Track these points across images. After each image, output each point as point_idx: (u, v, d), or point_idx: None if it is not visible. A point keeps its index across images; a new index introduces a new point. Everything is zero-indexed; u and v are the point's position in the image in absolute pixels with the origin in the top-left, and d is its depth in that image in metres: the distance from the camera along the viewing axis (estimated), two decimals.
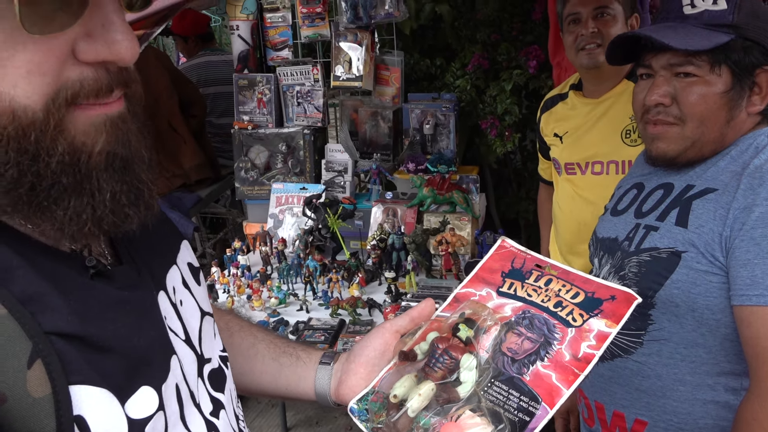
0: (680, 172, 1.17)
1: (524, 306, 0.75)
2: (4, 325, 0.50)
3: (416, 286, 2.23)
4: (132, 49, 0.51)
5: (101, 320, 0.56)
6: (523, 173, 3.50)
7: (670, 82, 1.11)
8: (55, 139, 0.51)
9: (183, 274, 0.75)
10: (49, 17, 0.47)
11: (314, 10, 2.82)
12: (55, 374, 0.51)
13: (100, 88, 0.52)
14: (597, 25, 1.79)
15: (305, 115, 2.95)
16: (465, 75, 2.86)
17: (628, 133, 1.82)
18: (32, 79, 0.49)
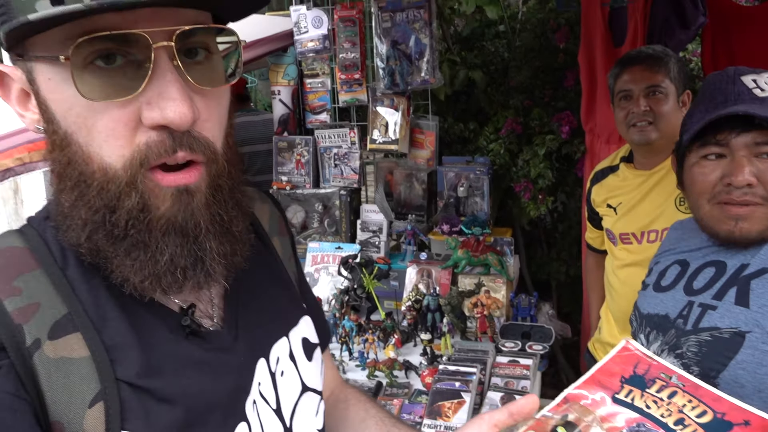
0: (730, 251, 1.17)
1: (640, 418, 0.67)
2: (82, 366, 0.58)
3: (452, 349, 2.23)
4: (180, 113, 0.57)
5: (175, 376, 0.63)
6: (554, 234, 3.53)
7: (752, 162, 1.10)
8: (129, 194, 0.58)
9: (292, 347, 0.80)
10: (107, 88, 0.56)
11: (352, 77, 2.94)
12: (111, 418, 0.57)
13: (164, 149, 0.58)
14: (649, 103, 1.83)
15: (342, 176, 3.03)
16: (498, 139, 2.93)
17: (681, 200, 1.83)
18: (110, 141, 0.58)
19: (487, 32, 3.27)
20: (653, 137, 1.84)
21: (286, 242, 0.91)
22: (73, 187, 0.60)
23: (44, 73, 0.59)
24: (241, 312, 0.74)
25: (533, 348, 2.19)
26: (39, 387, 0.56)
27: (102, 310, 0.62)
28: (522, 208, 2.92)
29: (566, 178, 3.04)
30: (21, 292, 0.59)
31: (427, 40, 2.75)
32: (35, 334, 0.57)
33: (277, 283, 0.84)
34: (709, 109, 1.13)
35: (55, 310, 0.60)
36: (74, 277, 0.62)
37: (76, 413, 0.57)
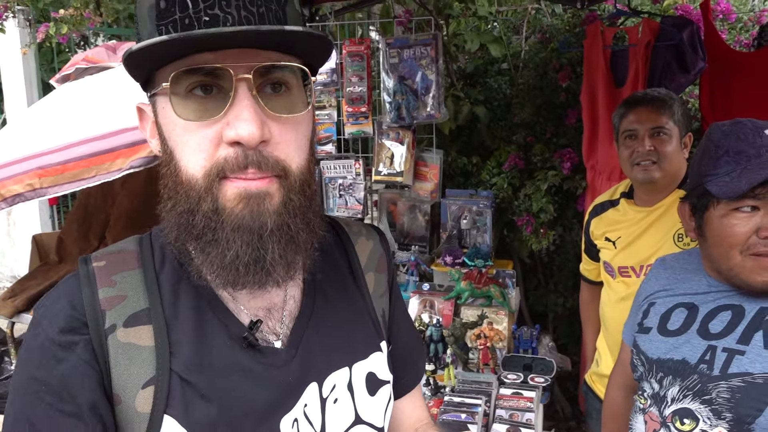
0: (744, 295, 1.20)
1: None
2: (144, 353, 0.69)
3: (455, 380, 2.26)
4: (249, 131, 0.66)
5: (219, 378, 0.71)
6: (552, 267, 3.58)
7: None
8: (206, 199, 0.68)
9: (352, 379, 0.84)
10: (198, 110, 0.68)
11: (359, 110, 3.01)
12: (158, 401, 0.68)
13: (237, 164, 0.68)
14: (653, 143, 1.89)
15: (346, 207, 3.08)
16: (501, 173, 2.99)
17: (680, 236, 1.89)
18: (196, 155, 0.69)
19: (490, 69, 3.36)
20: (657, 176, 1.90)
21: (382, 279, 0.95)
22: (171, 196, 0.72)
23: (160, 103, 0.72)
24: (307, 336, 0.80)
25: (535, 380, 2.22)
26: (108, 363, 0.68)
27: (177, 309, 0.73)
28: (523, 241, 2.97)
29: (566, 212, 3.10)
30: (115, 284, 0.72)
31: (433, 76, 2.83)
32: (113, 320, 0.70)
33: (356, 316, 0.88)
34: (741, 162, 1.15)
35: (137, 303, 0.72)
36: (165, 279, 0.74)
37: (131, 391, 0.68)
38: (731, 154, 1.17)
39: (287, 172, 0.71)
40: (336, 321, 0.84)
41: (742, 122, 1.20)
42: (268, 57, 0.69)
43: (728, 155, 1.18)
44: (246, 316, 0.76)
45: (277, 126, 0.70)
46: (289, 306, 0.80)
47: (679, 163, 1.94)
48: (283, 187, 0.70)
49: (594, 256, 2.25)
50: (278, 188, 0.70)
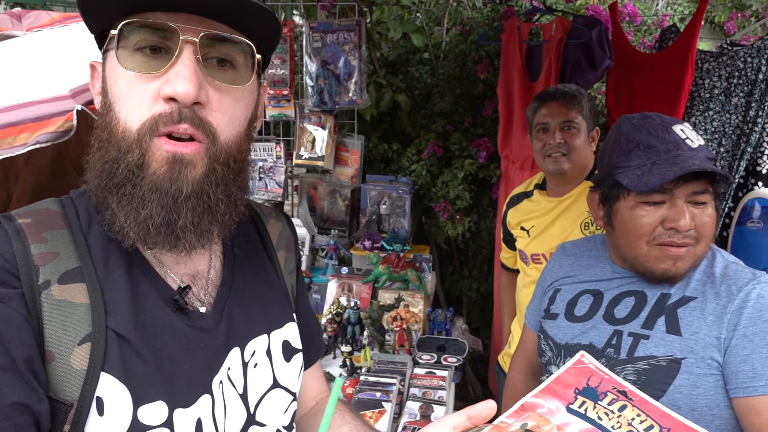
0: (646, 281, 1.27)
1: (593, 429, 0.71)
2: (80, 310, 0.69)
3: (371, 361, 2.31)
4: (186, 90, 0.69)
5: (152, 338, 0.73)
6: (467, 253, 3.70)
7: (689, 208, 1.19)
8: (133, 150, 0.70)
9: (270, 345, 0.88)
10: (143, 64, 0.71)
11: (281, 92, 2.99)
12: (95, 358, 0.68)
13: (171, 118, 0.70)
14: (563, 136, 2.00)
15: (266, 190, 3.06)
16: (420, 161, 3.06)
17: (586, 225, 2.02)
18: (135, 110, 0.71)
19: (412, 58, 3.41)
20: (566, 167, 2.01)
21: (291, 258, 1.01)
22: (102, 146, 0.73)
23: (110, 57, 0.74)
24: (229, 304, 0.83)
25: (448, 360, 2.31)
26: (41, 319, 0.67)
27: (109, 269, 0.73)
28: (440, 227, 3.05)
29: (481, 200, 3.21)
30: (46, 241, 0.71)
31: (356, 62, 2.85)
32: (47, 276, 0.69)
33: (271, 289, 0.93)
34: (651, 156, 1.20)
35: (69, 262, 0.71)
36: (93, 240, 0.74)
37: (66, 348, 0.67)
38: (642, 148, 1.22)
39: (215, 139, 0.73)
40: (254, 292, 0.88)
41: (650, 117, 1.25)
42: (218, 28, 0.73)
43: (639, 149, 1.22)
44: (173, 281, 0.78)
45: (216, 94, 0.73)
46: (212, 276, 0.84)
47: (587, 156, 2.06)
48: (208, 156, 0.72)
49: (511, 245, 2.36)
50: (203, 156, 0.72)
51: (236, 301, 0.84)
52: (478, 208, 3.27)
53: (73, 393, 0.66)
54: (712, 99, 2.71)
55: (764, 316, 1.12)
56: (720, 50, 2.74)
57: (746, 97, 2.61)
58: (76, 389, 0.66)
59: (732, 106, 2.66)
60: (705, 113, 2.73)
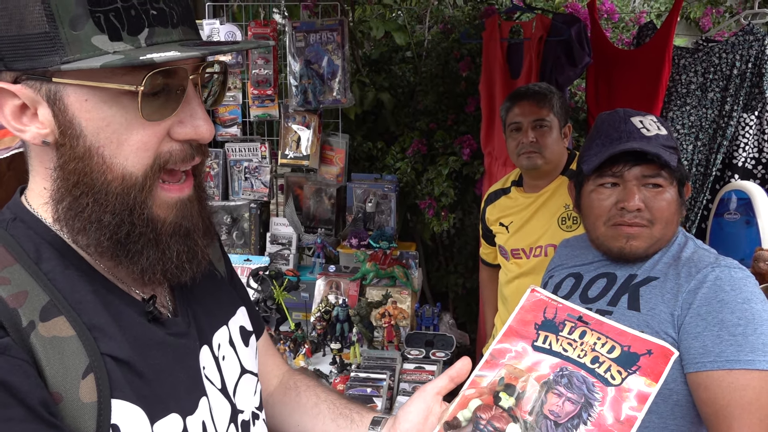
0: (619, 264, 1.36)
1: (561, 362, 0.73)
2: (71, 344, 0.66)
3: (360, 357, 2.33)
4: (210, 130, 0.71)
5: (145, 355, 0.72)
6: (452, 249, 3.73)
7: (641, 191, 1.29)
8: (146, 198, 0.70)
9: (231, 335, 0.89)
10: (157, 109, 0.68)
11: (265, 92, 3.00)
12: (102, 387, 0.66)
13: (185, 156, 0.71)
14: (536, 134, 2.05)
15: (252, 190, 3.07)
16: (405, 158, 3.09)
17: (563, 220, 2.07)
18: (139, 153, 0.68)
19: (394, 57, 3.44)
20: (539, 163, 2.07)
21: (215, 245, 1.00)
22: (89, 194, 0.68)
23: (79, 95, 0.66)
24: (188, 304, 0.84)
25: (436, 355, 2.34)
26: (38, 362, 0.63)
27: (78, 296, 0.69)
28: (425, 223, 3.09)
29: (465, 196, 3.25)
30: (10, 281, 0.66)
31: (339, 61, 2.87)
32: (29, 317, 0.64)
33: (212, 280, 0.93)
34: (606, 144, 1.31)
35: (39, 297, 0.66)
36: (49, 269, 0.69)
37: (72, 384, 0.64)
38: (602, 137, 1.34)
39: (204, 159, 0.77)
40: (202, 286, 0.88)
41: (617, 111, 1.36)
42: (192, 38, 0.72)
43: (599, 138, 1.34)
44: (136, 294, 0.77)
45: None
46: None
47: (560, 151, 2.11)
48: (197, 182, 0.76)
49: (490, 240, 2.40)
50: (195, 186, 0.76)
51: (191, 299, 0.85)
52: (463, 205, 3.31)
53: (89, 428, 0.64)
54: (688, 94, 2.77)
55: (718, 297, 1.19)
56: (696, 46, 2.80)
57: (722, 92, 2.68)
58: (91, 423, 0.64)
59: (708, 101, 2.72)
60: (682, 108, 2.79)
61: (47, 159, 0.70)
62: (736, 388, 1.12)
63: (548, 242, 2.10)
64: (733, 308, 1.16)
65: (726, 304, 1.17)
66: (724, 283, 1.19)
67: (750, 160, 2.65)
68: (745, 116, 2.63)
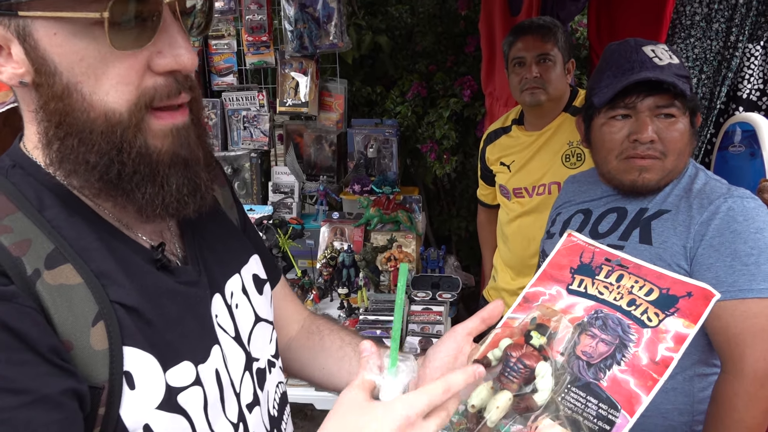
0: (629, 198, 1.35)
1: (596, 305, 0.72)
2: (79, 291, 0.64)
3: (368, 301, 2.36)
4: (192, 59, 0.66)
5: (155, 302, 0.70)
6: (454, 193, 3.73)
7: (653, 122, 1.26)
8: (135, 135, 0.65)
9: (244, 283, 0.88)
10: (129, 39, 0.63)
11: (260, 39, 2.94)
12: (112, 334, 0.64)
13: (170, 91, 0.66)
14: (539, 69, 2.01)
15: (251, 139, 3.04)
16: (405, 102, 3.05)
17: (567, 157, 2.05)
18: (119, 88, 0.64)
19: None
20: (543, 99, 2.03)
21: (227, 192, 0.98)
22: (73, 134, 0.65)
23: (48, 28, 0.62)
24: (199, 252, 0.82)
25: (443, 296, 2.37)
26: (46, 310, 0.62)
27: (84, 243, 0.67)
28: (428, 167, 3.07)
29: (467, 138, 3.22)
30: (12, 230, 0.63)
31: (334, 3, 2.79)
32: (34, 265, 0.62)
33: (224, 227, 0.91)
34: (617, 75, 1.28)
35: (44, 245, 0.64)
36: (52, 216, 0.67)
37: (82, 331, 0.63)
38: (612, 69, 1.30)
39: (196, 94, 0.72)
40: (213, 234, 0.87)
41: (628, 41, 1.32)
42: None
43: (610, 70, 1.30)
44: (144, 241, 0.74)
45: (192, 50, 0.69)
46: (171, 227, 0.81)
47: (563, 88, 2.08)
48: (194, 113, 0.71)
49: (490, 181, 2.39)
50: (191, 115, 0.71)
51: (203, 247, 0.83)
52: (464, 147, 3.29)
53: (101, 375, 0.63)
54: (693, 26, 2.71)
55: (731, 227, 1.18)
56: None
57: (727, 23, 2.62)
58: (104, 370, 0.63)
59: (713, 32, 2.66)
60: (686, 40, 2.73)
61: (30, 101, 0.67)
62: (748, 316, 1.14)
63: (551, 180, 2.09)
64: (746, 238, 1.16)
65: (739, 235, 1.17)
66: (737, 213, 1.19)
67: (755, 92, 2.61)
68: (750, 47, 2.58)
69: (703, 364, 1.25)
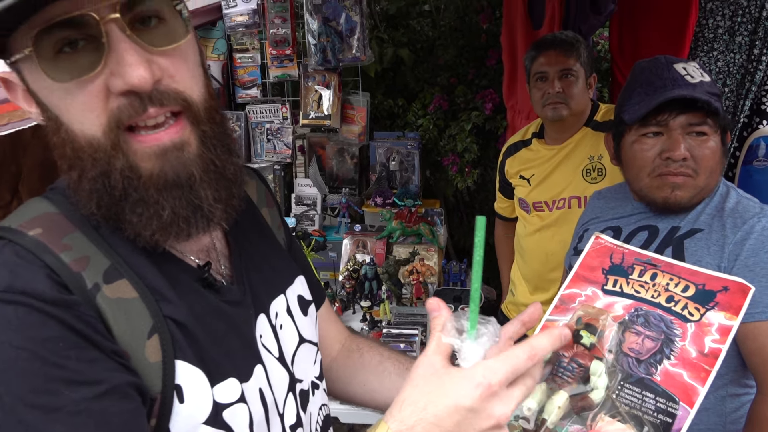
0: (660, 216, 1.35)
1: (635, 303, 0.72)
2: (135, 305, 0.67)
3: (390, 314, 2.38)
4: (138, 76, 0.62)
5: (201, 320, 0.73)
6: (473, 205, 3.74)
7: (686, 140, 1.26)
8: (116, 156, 0.65)
9: (289, 304, 0.89)
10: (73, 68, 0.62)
11: (283, 52, 2.98)
12: (166, 348, 0.67)
13: (135, 110, 0.64)
14: (562, 85, 2.02)
15: (275, 151, 3.08)
16: (426, 115, 3.07)
17: (588, 171, 2.06)
18: (87, 115, 0.64)
19: (412, 11, 3.38)
20: (565, 114, 2.04)
21: (275, 213, 0.99)
22: (72, 165, 0.67)
23: (27, 69, 0.65)
24: (245, 272, 0.84)
25: (465, 310, 2.37)
26: (106, 322, 0.64)
27: (136, 261, 0.70)
28: (449, 180, 3.08)
29: (488, 151, 3.23)
30: (71, 247, 0.66)
31: (357, 17, 2.83)
32: (93, 279, 0.65)
33: (271, 247, 0.93)
34: (649, 92, 1.28)
35: (101, 262, 0.67)
36: (107, 234, 0.70)
37: (138, 343, 0.66)
38: (643, 86, 1.31)
39: (190, 103, 0.68)
40: (260, 254, 0.88)
41: (659, 58, 1.32)
42: None
43: (641, 87, 1.31)
44: (191, 261, 0.76)
45: (165, 60, 0.66)
46: (218, 246, 0.82)
47: (584, 102, 2.08)
48: (192, 123, 0.68)
49: (509, 194, 2.39)
50: (187, 127, 0.68)
51: (250, 267, 0.84)
52: (485, 160, 3.30)
53: (155, 387, 0.65)
54: (716, 39, 2.70)
55: (766, 247, 1.18)
56: None
57: (750, 36, 2.61)
58: (157, 382, 0.65)
59: (736, 45, 2.65)
60: (709, 53, 2.73)
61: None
62: None
63: (572, 194, 2.09)
64: None
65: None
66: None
67: None
68: None
69: (736, 384, 1.25)
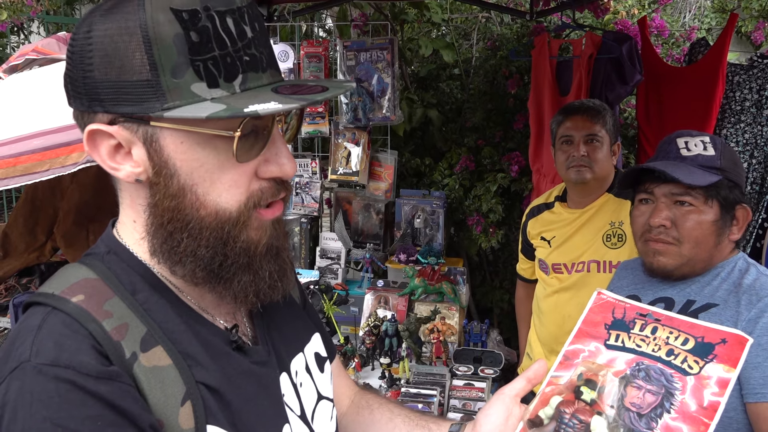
0: (676, 287, 1.36)
1: (636, 357, 0.74)
2: (169, 373, 0.69)
3: (409, 372, 2.36)
4: (293, 168, 0.75)
5: (233, 382, 0.75)
6: (497, 264, 3.73)
7: (671, 209, 1.31)
8: (240, 231, 0.73)
9: (307, 361, 0.92)
10: (248, 151, 0.71)
11: (316, 110, 3.07)
12: (198, 414, 0.69)
13: (273, 194, 0.74)
14: (587, 149, 2.06)
15: (302, 205, 3.14)
16: (453, 174, 3.12)
17: (608, 237, 2.07)
18: (232, 191, 0.71)
19: (442, 74, 3.48)
20: (588, 177, 2.07)
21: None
22: (182, 229, 0.72)
23: (176, 137, 0.69)
24: (267, 331, 0.87)
25: (485, 372, 2.35)
26: (142, 391, 0.67)
27: (171, 326, 0.73)
28: (473, 239, 3.10)
29: (512, 212, 3.26)
30: (112, 315, 0.69)
31: (389, 79, 2.92)
32: (132, 348, 0.68)
33: (288, 306, 0.96)
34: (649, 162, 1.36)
35: (139, 328, 0.70)
36: (143, 300, 0.73)
37: (172, 411, 0.68)
38: (652, 157, 1.40)
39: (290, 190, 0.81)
40: (279, 313, 0.91)
41: (673, 133, 1.39)
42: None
43: (651, 161, 1.39)
44: (220, 324, 0.79)
45: None
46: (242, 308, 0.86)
47: (608, 168, 2.11)
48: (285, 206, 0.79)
49: (530, 255, 2.40)
50: (284, 206, 0.79)
51: (271, 327, 0.88)
52: (509, 221, 3.32)
53: None
54: (743, 111, 2.73)
55: None
56: (750, 63, 2.77)
57: None
58: None
59: (764, 117, 2.68)
60: (736, 125, 2.75)
61: (139, 195, 0.74)
62: None
63: (591, 258, 2.10)
64: None
65: None
66: None
67: None
68: None
69: None
